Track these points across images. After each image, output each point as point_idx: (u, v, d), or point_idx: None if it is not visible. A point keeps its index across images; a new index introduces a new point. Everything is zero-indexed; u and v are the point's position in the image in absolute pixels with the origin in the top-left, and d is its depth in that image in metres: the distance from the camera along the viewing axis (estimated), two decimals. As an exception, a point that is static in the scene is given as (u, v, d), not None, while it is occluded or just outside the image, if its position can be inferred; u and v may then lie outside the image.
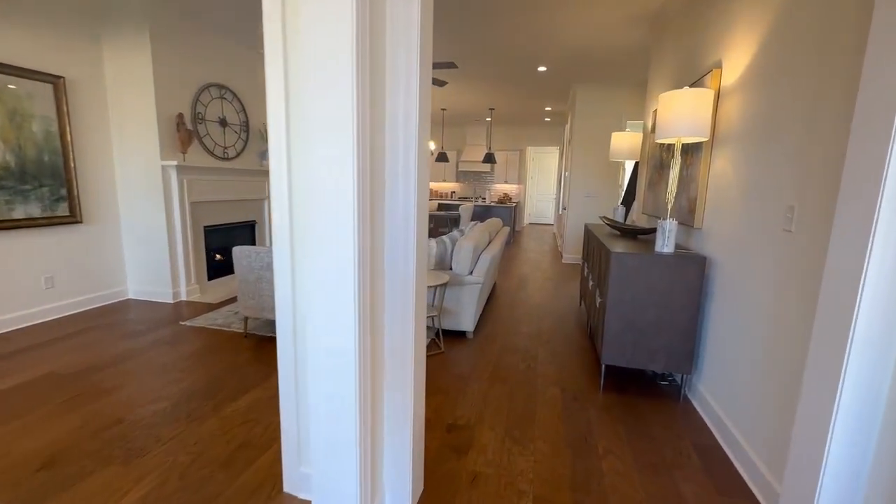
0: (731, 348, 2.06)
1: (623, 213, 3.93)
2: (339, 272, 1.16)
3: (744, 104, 2.07)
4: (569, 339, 3.44)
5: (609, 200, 6.47)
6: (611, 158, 3.86)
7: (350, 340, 1.19)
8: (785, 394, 1.59)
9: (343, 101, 1.08)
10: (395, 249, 1.35)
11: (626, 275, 2.40)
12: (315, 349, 1.23)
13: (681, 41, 3.16)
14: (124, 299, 4.18)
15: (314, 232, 1.17)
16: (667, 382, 2.68)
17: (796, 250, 1.58)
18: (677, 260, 2.32)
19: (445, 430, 2.13)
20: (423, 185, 1.38)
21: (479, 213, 9.15)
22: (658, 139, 2.40)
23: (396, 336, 1.41)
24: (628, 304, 2.42)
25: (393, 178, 1.32)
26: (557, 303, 4.47)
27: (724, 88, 2.33)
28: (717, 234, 2.28)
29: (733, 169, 2.15)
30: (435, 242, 3.41)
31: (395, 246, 1.35)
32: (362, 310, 1.20)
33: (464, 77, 6.02)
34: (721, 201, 2.26)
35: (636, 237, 3.09)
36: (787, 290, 1.62)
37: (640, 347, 2.44)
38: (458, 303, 3.32)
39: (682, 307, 2.35)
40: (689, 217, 2.62)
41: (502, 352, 3.13)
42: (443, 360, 2.94)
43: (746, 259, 1.95)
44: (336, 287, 1.17)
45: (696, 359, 2.46)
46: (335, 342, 1.21)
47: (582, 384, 2.66)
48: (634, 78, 5.78)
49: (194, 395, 2.40)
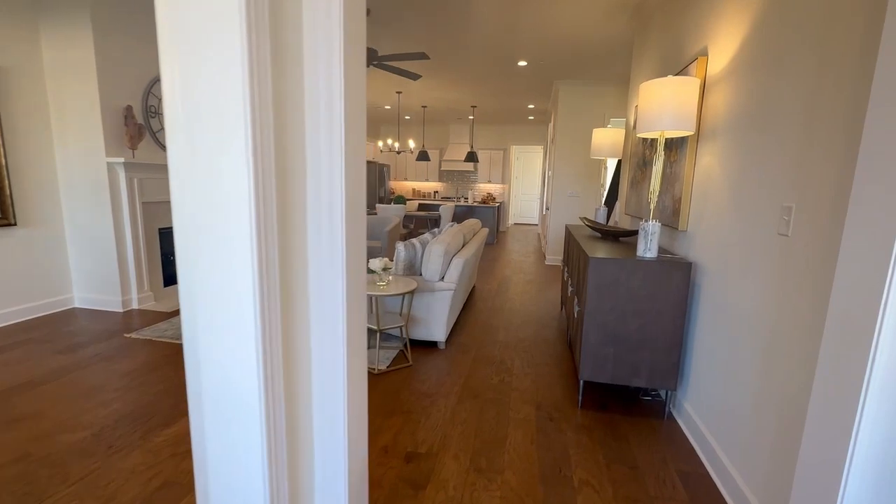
0: (720, 364, 1.85)
1: (605, 213, 3.73)
2: (235, 290, 0.91)
3: (733, 94, 1.87)
4: (548, 348, 3.22)
5: (593, 200, 6.30)
6: (592, 156, 3.66)
7: (251, 375, 0.95)
8: (783, 421, 1.39)
9: (231, 80, 0.83)
10: (319, 262, 1.10)
11: (606, 282, 2.18)
12: (210, 383, 0.98)
13: (664, 30, 2.97)
14: (69, 308, 3.85)
15: (206, 241, 0.92)
16: (650, 398, 2.47)
17: (794, 257, 1.37)
18: (661, 266, 2.11)
19: (404, 460, 1.89)
20: (355, 182, 1.13)
21: (461, 213, 8.92)
22: (639, 133, 2.19)
23: (326, 364, 1.16)
24: (608, 314, 2.20)
25: (315, 176, 1.08)
26: (538, 308, 4.26)
27: (710, 78, 2.13)
28: (704, 237, 2.08)
29: (721, 166, 1.95)
30: (403, 246, 3.16)
31: (319, 257, 1.10)
32: (268, 336, 0.95)
33: (441, 71, 5.78)
34: (708, 201, 2.06)
35: (618, 240, 2.89)
36: (784, 303, 1.42)
37: (622, 361, 2.23)
38: (429, 311, 3.08)
39: (667, 317, 2.14)
40: (673, 218, 2.42)
41: (476, 364, 2.90)
42: (409, 375, 2.70)
43: (737, 265, 1.75)
44: (232, 307, 0.92)
45: (681, 373, 2.26)
46: (233, 375, 0.96)
47: (559, 400, 2.44)
48: (617, 74, 5.61)
49: (123, 421, 2.12)
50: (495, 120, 10.31)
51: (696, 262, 2.16)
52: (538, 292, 4.87)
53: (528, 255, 7.35)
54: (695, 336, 2.13)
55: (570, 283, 3.12)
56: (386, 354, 2.96)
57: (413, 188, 11.69)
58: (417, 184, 11.68)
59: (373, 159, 9.40)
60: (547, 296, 4.73)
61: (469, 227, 4.05)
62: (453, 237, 3.28)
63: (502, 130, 10.99)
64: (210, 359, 0.97)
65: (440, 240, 3.11)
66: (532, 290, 4.98)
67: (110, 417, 2.15)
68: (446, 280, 3.06)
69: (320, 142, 1.05)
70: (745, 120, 1.74)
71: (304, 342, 1.13)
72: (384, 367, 2.76)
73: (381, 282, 2.79)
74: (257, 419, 0.97)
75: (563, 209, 6.39)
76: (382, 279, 2.80)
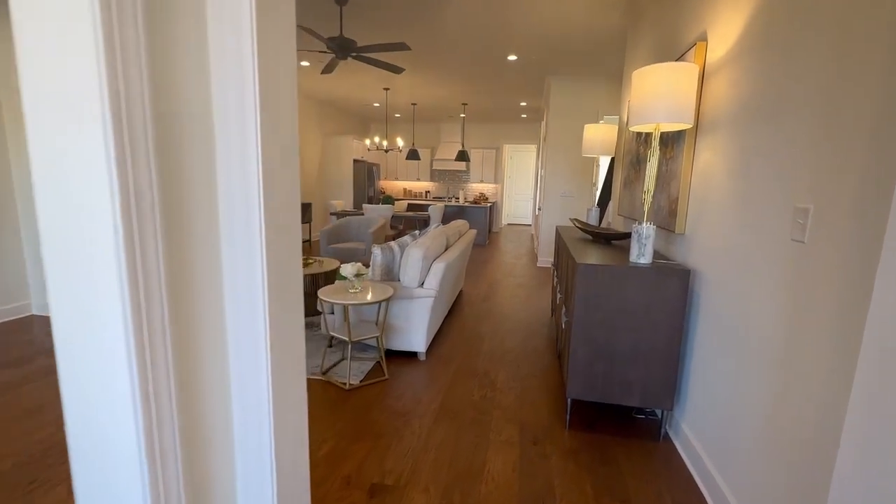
0: (723, 383, 1.65)
1: (598, 214, 3.53)
2: (97, 311, 0.69)
3: (736, 82, 1.67)
4: (536, 359, 3.01)
5: (586, 201, 6.10)
6: (583, 154, 3.46)
7: (125, 418, 0.72)
8: (801, 453, 1.18)
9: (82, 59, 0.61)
10: (235, 280, 0.88)
11: (595, 291, 1.98)
12: (76, 431, 0.76)
13: (659, 16, 2.77)
14: (26, 316, 3.59)
15: (59, 250, 0.70)
16: (643, 415, 2.27)
17: (812, 265, 1.17)
18: (656, 273, 1.91)
19: (367, 494, 1.67)
20: (280, 164, 0.91)
21: (451, 213, 8.70)
22: (632, 127, 1.98)
23: (250, 405, 0.94)
24: (598, 326, 2.00)
25: (226, 175, 0.86)
26: (527, 314, 4.05)
27: (710, 65, 1.93)
28: (704, 241, 1.88)
29: (723, 162, 1.74)
30: (380, 250, 2.94)
31: (234, 274, 0.88)
32: (148, 370, 0.73)
33: (427, 65, 5.56)
34: (708, 202, 1.86)
35: (610, 243, 2.68)
36: (800, 317, 1.21)
37: (613, 378, 2.02)
38: (408, 320, 2.86)
39: (662, 330, 1.94)
40: (669, 220, 2.22)
41: (457, 377, 2.69)
42: (384, 391, 2.48)
43: (743, 274, 1.54)
44: (96, 333, 0.70)
45: (678, 392, 2.05)
46: (100, 419, 0.73)
47: (545, 419, 2.23)
48: (610, 69, 5.41)
49: (54, 449, 1.88)
50: (488, 118, 10.11)
51: (694, 268, 1.96)
52: (528, 297, 4.66)
53: (519, 257, 7.15)
54: (693, 351, 1.93)
55: (559, 290, 2.92)
56: (360, 367, 2.74)
57: (404, 188, 11.46)
58: (408, 183, 11.46)
59: (362, 158, 9.17)
60: (537, 301, 4.53)
61: (454, 229, 3.84)
62: (434, 240, 3.06)
63: (495, 129, 10.78)
64: (73, 395, 0.75)
65: (420, 243, 2.90)
66: (522, 294, 4.77)
67: (43, 444, 1.92)
68: (426, 286, 2.84)
69: (228, 110, 0.83)
70: (751, 110, 1.54)
71: (216, 379, 0.91)
72: (356, 382, 2.54)
73: (352, 289, 2.57)
74: (138, 482, 0.75)
75: (556, 210, 6.19)
76: (355, 286, 2.58)
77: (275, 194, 0.89)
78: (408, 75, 6.08)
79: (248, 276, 0.89)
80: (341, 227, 5.59)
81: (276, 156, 0.87)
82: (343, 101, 8.38)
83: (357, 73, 6.03)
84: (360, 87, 6.94)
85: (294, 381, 1.01)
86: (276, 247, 0.91)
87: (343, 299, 2.44)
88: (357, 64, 5.44)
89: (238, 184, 0.86)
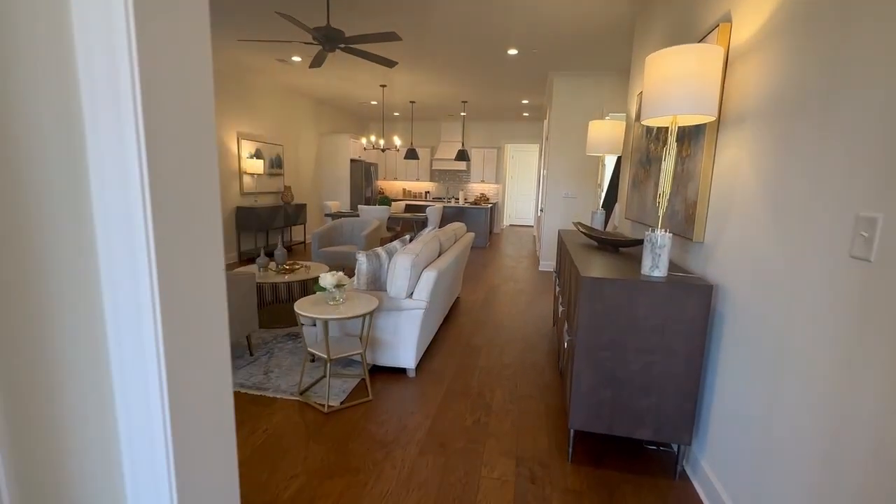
0: (754, 417, 1.39)
1: (603, 217, 3.28)
2: None
3: (770, 66, 1.41)
4: (535, 375, 2.76)
5: (590, 202, 5.84)
6: (588, 152, 3.20)
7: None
8: (865, 542, 0.93)
9: None
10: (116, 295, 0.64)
11: (603, 308, 1.72)
12: None
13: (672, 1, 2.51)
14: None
15: None
16: (656, 447, 2.01)
17: (883, 290, 0.91)
18: (673, 288, 1.66)
19: (335, 548, 1.42)
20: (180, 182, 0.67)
21: (450, 215, 8.44)
22: (645, 120, 1.73)
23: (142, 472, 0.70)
24: (605, 349, 1.74)
25: (99, 168, 0.61)
26: (527, 324, 3.80)
27: (735, 50, 1.68)
28: (728, 252, 1.62)
29: (753, 160, 1.49)
30: (365, 257, 2.70)
31: (116, 287, 0.64)
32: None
33: (423, 60, 5.32)
34: (733, 207, 1.61)
35: (618, 250, 2.43)
36: (865, 354, 0.96)
37: (622, 408, 1.77)
38: (396, 333, 2.62)
39: (680, 355, 1.69)
40: (685, 226, 1.96)
41: (448, 398, 2.44)
42: (366, 414, 2.24)
43: (781, 295, 1.29)
44: None
45: (697, 424, 1.80)
46: None
47: (545, 450, 1.98)
48: (616, 64, 5.15)
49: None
50: (488, 117, 9.86)
51: (717, 283, 1.70)
52: (529, 304, 4.41)
53: (521, 260, 6.89)
54: (716, 379, 1.67)
55: (561, 301, 2.66)
56: (343, 386, 2.49)
57: (403, 188, 11.22)
58: (408, 184, 11.21)
59: (359, 158, 8.93)
60: (538, 308, 4.27)
61: (449, 233, 3.59)
62: (426, 245, 2.81)
63: (496, 128, 10.52)
64: None
65: (409, 249, 2.65)
66: (523, 301, 4.51)
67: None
68: (415, 297, 2.59)
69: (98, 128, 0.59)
70: (790, 98, 1.29)
71: (90, 441, 0.66)
72: (336, 404, 2.30)
73: (332, 301, 2.33)
74: None
75: (559, 211, 5.93)
76: (336, 298, 2.34)
77: (170, 193, 0.64)
78: (404, 71, 5.83)
79: (134, 300, 0.65)
80: (334, 229, 5.35)
81: (171, 147, 0.62)
82: (339, 100, 8.15)
83: (351, 69, 5.79)
84: (356, 83, 6.70)
85: (214, 442, 0.76)
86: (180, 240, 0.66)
87: (321, 313, 2.20)
88: (350, 58, 5.20)
89: (113, 169, 0.62)
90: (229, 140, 5.98)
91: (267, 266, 3.66)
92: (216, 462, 0.78)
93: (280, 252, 3.72)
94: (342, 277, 2.32)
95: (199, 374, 0.72)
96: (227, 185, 5.99)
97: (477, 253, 7.46)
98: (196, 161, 0.69)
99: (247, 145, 6.30)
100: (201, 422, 0.73)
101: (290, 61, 5.48)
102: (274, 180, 7.01)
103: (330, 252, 4.88)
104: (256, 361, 2.80)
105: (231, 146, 6.02)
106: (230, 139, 5.99)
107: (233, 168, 6.08)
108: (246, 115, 6.30)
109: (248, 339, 2.91)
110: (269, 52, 5.10)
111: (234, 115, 6.04)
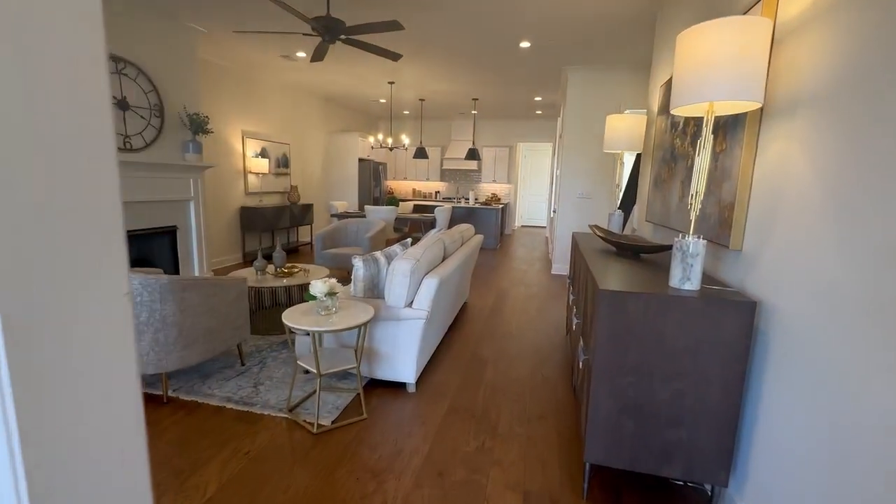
0: (807, 458, 1.15)
1: (621, 220, 3.03)
2: None
3: (833, 43, 1.17)
4: (546, 392, 2.53)
5: (606, 203, 5.56)
6: (605, 149, 2.96)
7: None
8: None
9: None
10: None
11: (625, 326, 1.49)
12: None
13: (702, -18, 2.26)
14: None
15: None
16: (683, 482, 1.77)
17: None
18: (708, 305, 1.42)
19: None
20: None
21: (460, 215, 8.22)
22: (675, 109, 1.49)
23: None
24: (627, 373, 1.51)
25: None
26: (539, 333, 3.56)
27: (782, 25, 1.43)
28: (775, 263, 1.38)
29: (808, 156, 1.24)
30: (362, 262, 2.50)
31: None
32: None
33: (433, 54, 5.11)
34: (781, 211, 1.36)
35: (638, 256, 2.19)
36: None
37: (647, 441, 1.54)
38: (394, 345, 2.41)
39: (716, 381, 1.45)
40: (719, 232, 1.72)
41: (450, 417, 2.22)
42: (359, 435, 2.03)
43: (845, 317, 1.05)
44: None
45: (735, 463, 1.55)
46: None
47: (556, 484, 1.75)
48: (635, 57, 4.87)
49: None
50: (500, 115, 9.61)
51: (760, 299, 1.46)
52: (540, 311, 4.17)
53: (532, 263, 6.64)
54: (759, 411, 1.43)
55: (575, 313, 2.43)
56: (335, 402, 2.30)
57: (413, 188, 11.04)
58: (417, 183, 11.03)
59: (368, 157, 8.77)
60: (550, 315, 4.03)
61: (455, 235, 3.37)
62: (429, 250, 2.60)
63: (508, 126, 10.27)
64: None
65: (409, 254, 2.44)
66: (533, 308, 4.28)
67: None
68: (415, 306, 2.39)
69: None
70: (863, 80, 1.04)
71: None
72: (327, 423, 2.10)
73: (324, 311, 2.13)
74: None
75: (573, 212, 5.67)
76: (328, 307, 2.14)
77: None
78: (412, 67, 5.64)
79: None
80: (339, 230, 5.18)
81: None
82: (347, 97, 7.99)
83: (356, 64, 5.60)
84: (364, 80, 6.53)
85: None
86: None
87: (311, 324, 2.01)
88: (355, 53, 5.02)
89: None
90: (234, 138, 5.85)
91: (265, 269, 3.50)
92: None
93: (279, 254, 3.55)
94: (334, 285, 2.12)
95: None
96: (231, 184, 5.87)
97: (487, 255, 7.23)
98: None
99: (252, 144, 6.17)
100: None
101: (295, 57, 5.33)
102: (280, 180, 6.88)
103: (334, 254, 4.71)
104: (247, 372, 2.62)
105: (236, 145, 5.89)
106: (235, 137, 5.87)
107: (237, 167, 5.96)
108: (251, 113, 6.17)
109: (240, 347, 2.74)
110: (273, 48, 4.94)
111: (238, 113, 5.92)
